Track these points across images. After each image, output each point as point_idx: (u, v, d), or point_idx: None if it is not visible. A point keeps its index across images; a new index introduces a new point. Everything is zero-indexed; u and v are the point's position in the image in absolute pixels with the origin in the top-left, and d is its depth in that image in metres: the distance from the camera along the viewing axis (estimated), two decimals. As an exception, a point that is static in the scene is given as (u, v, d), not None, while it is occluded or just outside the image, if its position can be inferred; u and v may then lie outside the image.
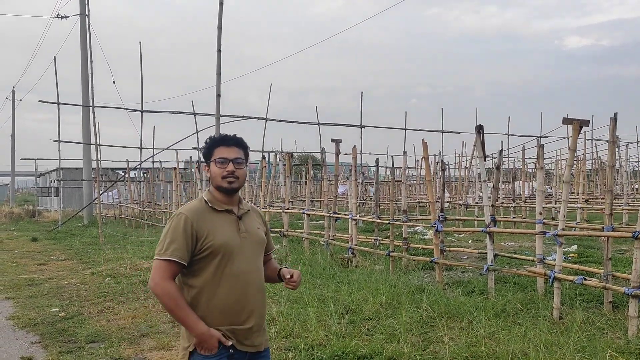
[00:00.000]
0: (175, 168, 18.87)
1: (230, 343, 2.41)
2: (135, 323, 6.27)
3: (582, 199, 15.77)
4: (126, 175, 24.15)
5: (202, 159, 2.62)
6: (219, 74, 10.10)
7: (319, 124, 22.57)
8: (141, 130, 20.96)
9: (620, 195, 16.08)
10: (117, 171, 30.39)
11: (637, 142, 25.98)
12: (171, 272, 2.36)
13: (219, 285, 2.41)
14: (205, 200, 2.51)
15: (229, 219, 2.50)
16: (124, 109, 21.47)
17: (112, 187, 25.91)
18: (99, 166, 18.77)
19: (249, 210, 2.61)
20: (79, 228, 19.98)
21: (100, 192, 19.14)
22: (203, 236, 2.40)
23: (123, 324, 6.24)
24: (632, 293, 5.18)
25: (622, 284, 6.56)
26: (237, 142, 2.54)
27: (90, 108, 18.89)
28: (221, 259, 2.41)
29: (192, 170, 20.01)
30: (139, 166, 22.62)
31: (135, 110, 20.83)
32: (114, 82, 24.06)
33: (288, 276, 2.63)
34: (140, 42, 20.81)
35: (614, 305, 6.13)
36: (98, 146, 18.88)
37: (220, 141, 2.52)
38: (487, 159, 8.59)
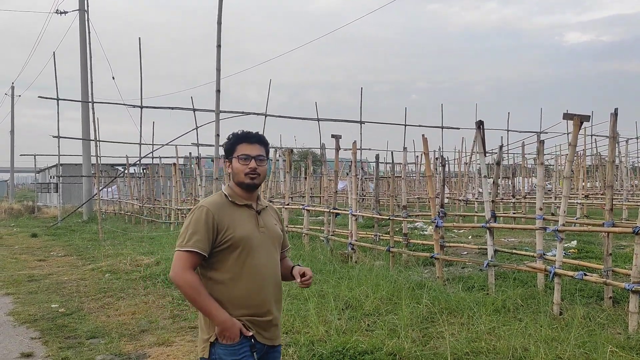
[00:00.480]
0: (174, 164, 18.86)
1: (250, 333, 2.45)
2: (136, 319, 6.27)
3: (582, 194, 15.77)
4: (126, 171, 24.13)
5: (223, 155, 2.66)
6: (218, 69, 10.07)
7: (318, 119, 22.55)
8: (140, 126, 20.97)
9: (620, 191, 16.08)
10: (117, 167, 30.37)
11: (637, 138, 25.99)
12: (192, 262, 2.40)
13: (239, 278, 2.46)
14: (225, 195, 2.56)
15: (249, 213, 2.55)
16: (124, 104, 21.48)
17: (111, 183, 25.90)
18: (99, 162, 18.74)
19: (266, 206, 2.67)
20: (79, 224, 19.98)
21: (100, 188, 19.12)
22: (224, 229, 2.44)
23: (123, 320, 6.24)
24: (633, 288, 5.17)
25: (622, 279, 6.55)
26: (259, 140, 2.58)
27: (90, 104, 18.86)
28: (241, 251, 2.46)
29: (192, 166, 19.98)
30: (138, 162, 22.60)
31: (134, 106, 20.83)
32: (113, 78, 24.13)
33: (300, 275, 2.65)
34: (139, 38, 20.79)
35: (614, 301, 6.13)
36: (97, 142, 18.86)
37: (243, 138, 2.56)
38: (487, 154, 8.58)
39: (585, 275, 5.98)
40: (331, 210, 10.98)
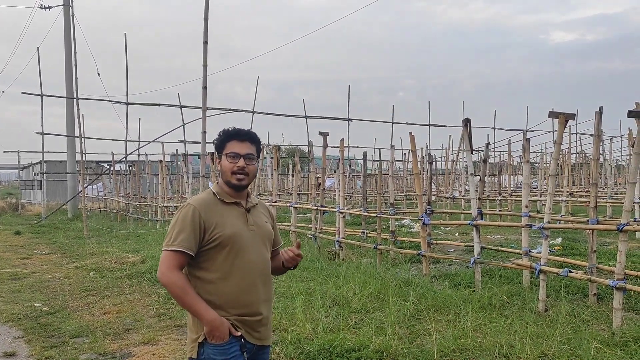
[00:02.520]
0: (161, 161, 18.71)
1: (239, 333, 2.41)
2: (121, 317, 6.21)
3: (567, 192, 15.93)
4: (111, 168, 23.89)
5: (215, 151, 2.60)
6: (205, 65, 9.96)
7: (306, 117, 22.52)
8: (127, 123, 20.78)
9: (604, 189, 16.27)
10: (102, 164, 30.06)
11: (621, 136, 26.29)
12: (179, 262, 2.37)
13: (229, 277, 2.41)
14: (213, 193, 2.51)
15: (238, 211, 2.50)
16: (109, 101, 21.23)
17: (97, 180, 25.63)
18: (84, 159, 18.52)
19: (256, 204, 2.62)
20: (63, 222, 19.75)
21: (85, 185, 18.91)
22: (211, 227, 2.40)
23: (108, 319, 6.17)
24: (617, 285, 5.22)
25: (606, 276, 6.64)
26: (250, 137, 2.52)
27: (75, 100, 18.61)
28: (230, 250, 2.42)
29: (179, 163, 19.85)
30: (124, 159, 22.39)
31: (120, 103, 20.61)
32: (98, 74, 23.76)
33: (289, 254, 2.62)
34: (125, 34, 20.58)
35: (598, 298, 6.19)
36: (83, 139, 18.64)
37: (233, 135, 2.51)
38: (474, 152, 8.61)
39: (570, 272, 6.04)
40: (319, 208, 10.96)
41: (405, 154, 26.71)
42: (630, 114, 5.26)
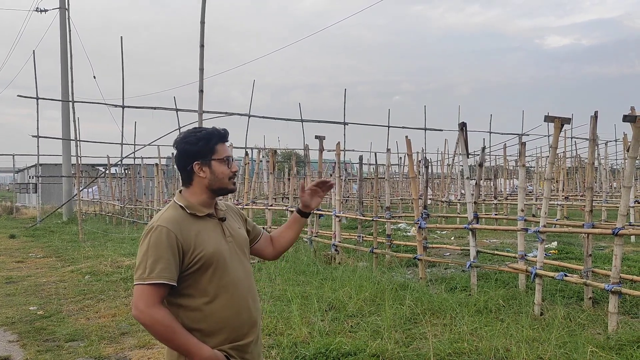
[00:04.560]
0: (157, 164, 18.68)
1: None
2: (116, 321, 6.18)
3: (562, 196, 15.98)
4: (107, 172, 23.82)
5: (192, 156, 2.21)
6: (201, 69, 9.97)
7: (302, 120, 22.54)
8: (122, 126, 20.72)
9: (599, 193, 16.32)
10: (98, 167, 29.97)
11: (616, 141, 26.43)
12: (159, 296, 2.05)
13: (216, 300, 2.14)
14: (181, 207, 2.18)
15: (212, 224, 2.23)
16: (105, 104, 21.19)
17: (92, 183, 25.55)
18: (79, 162, 18.46)
19: (226, 209, 2.33)
20: (58, 225, 19.67)
21: (80, 188, 18.84)
22: (190, 248, 2.11)
23: (103, 322, 6.14)
24: (612, 289, 5.24)
25: (601, 280, 6.64)
26: (227, 137, 2.31)
27: (70, 103, 18.57)
28: (214, 270, 2.14)
29: (175, 166, 19.80)
30: (120, 162, 22.33)
31: (116, 106, 20.56)
32: (94, 77, 23.86)
33: (312, 190, 2.44)
34: (121, 37, 20.54)
35: (594, 301, 6.21)
36: (78, 142, 18.58)
37: (222, 137, 2.25)
38: (469, 156, 8.64)
39: (566, 276, 6.05)
40: (315, 211, 10.96)
41: (401, 157, 26.76)
42: (626, 118, 5.28)
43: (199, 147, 2.19)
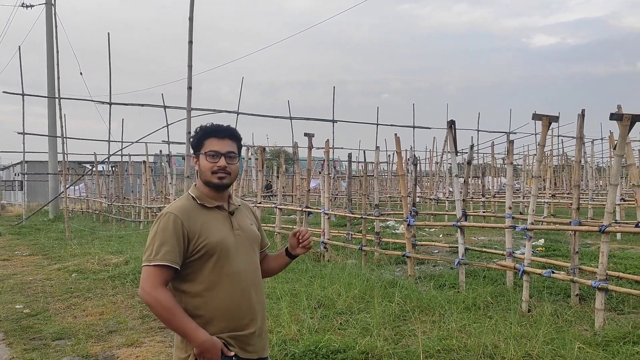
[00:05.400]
0: (144, 162, 18.54)
1: (232, 354, 2.24)
2: (103, 319, 6.13)
3: (549, 194, 16.12)
4: (94, 169, 23.61)
5: (191, 150, 2.40)
6: (190, 66, 9.88)
7: (291, 118, 22.49)
8: (109, 123, 20.57)
9: (585, 191, 16.49)
10: (85, 165, 29.70)
11: (602, 139, 26.71)
12: (163, 278, 2.17)
13: (217, 289, 2.23)
14: (192, 197, 2.32)
15: (221, 215, 2.33)
16: (92, 100, 20.97)
17: (79, 181, 25.31)
18: (66, 159, 18.26)
19: (239, 205, 2.44)
20: (45, 223, 19.46)
21: (67, 186, 18.65)
22: (195, 236, 2.22)
23: (90, 321, 6.09)
24: (599, 286, 5.30)
25: (588, 277, 6.72)
26: (230, 134, 2.34)
27: (57, 100, 18.36)
28: (217, 259, 2.24)
29: (162, 164, 19.69)
30: (107, 160, 22.14)
31: (103, 103, 20.39)
32: (81, 74, 23.46)
33: (296, 239, 2.49)
34: (108, 33, 20.37)
35: (580, 298, 6.27)
36: (64, 139, 18.39)
37: (212, 132, 2.32)
38: (458, 154, 8.67)
39: (553, 273, 6.11)
40: (304, 209, 10.95)
41: (389, 155, 26.81)
42: (612, 116, 5.34)
43: (194, 142, 2.35)
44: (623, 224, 9.76)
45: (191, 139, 2.39)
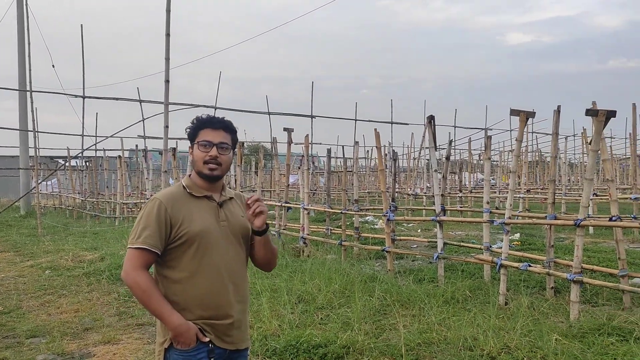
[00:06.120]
0: (120, 156, 18.24)
1: (207, 339, 2.27)
2: (79, 317, 6.01)
3: (524, 189, 16.39)
4: (67, 164, 23.14)
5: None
6: (167, 58, 9.77)
7: (269, 113, 22.41)
8: (83, 117, 20.16)
9: (559, 186, 16.82)
10: (57, 159, 29.10)
11: (574, 135, 27.26)
12: (144, 261, 2.22)
13: (196, 277, 2.28)
14: (183, 186, 2.37)
15: (208, 205, 2.35)
16: (64, 94, 20.53)
17: (51, 176, 24.78)
18: (37, 154, 17.84)
19: (232, 197, 2.45)
20: (16, 219, 18.98)
21: (39, 181, 18.23)
22: (178, 223, 2.26)
23: (65, 318, 5.96)
24: (574, 279, 5.40)
25: (563, 270, 6.84)
26: (224, 126, 2.38)
27: (28, 93, 17.94)
28: (197, 248, 2.27)
29: (139, 159, 19.41)
30: (80, 154, 21.71)
31: (76, 96, 19.98)
32: (53, 66, 23.06)
33: (250, 206, 2.35)
34: (81, 25, 19.93)
35: (556, 291, 6.38)
36: (36, 133, 17.98)
37: (206, 123, 2.37)
38: (437, 149, 8.74)
39: (530, 266, 6.20)
40: (283, 204, 10.91)
41: (368, 151, 26.93)
42: (588, 112, 5.43)
43: (190, 133, 2.40)
44: (596, 217, 9.97)
45: (187, 130, 2.42)
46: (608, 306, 5.96)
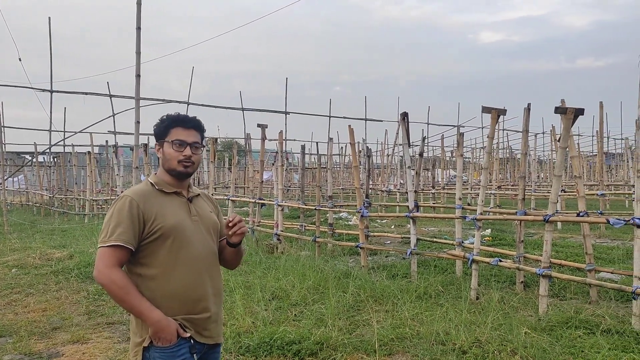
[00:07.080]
0: (89, 152, 17.87)
1: (188, 334, 2.26)
2: (47, 316, 5.87)
3: (495, 185, 16.67)
4: (34, 160, 22.56)
5: (155, 138, 2.42)
6: (138, 52, 9.55)
7: (243, 109, 22.26)
8: (50, 112, 19.62)
9: (528, 183, 17.15)
10: (24, 155, 28.36)
11: (543, 133, 27.84)
12: (117, 258, 2.19)
13: (173, 272, 2.26)
14: (151, 183, 2.36)
15: (179, 201, 2.37)
16: (31, 88, 19.96)
17: (17, 172, 24.13)
18: (3, 150, 17.33)
19: (198, 194, 2.49)
20: (-19, 216, 18.45)
21: (5, 177, 17.73)
22: (151, 218, 2.24)
23: (33, 317, 5.81)
24: (543, 273, 5.51)
25: (532, 264, 6.99)
26: (196, 125, 2.40)
27: (-7, 86, 17.40)
28: (172, 242, 2.27)
29: (109, 155, 19.04)
30: (48, 150, 21.19)
31: (43, 90, 19.43)
32: (19, 59, 22.42)
33: (231, 226, 2.34)
34: (49, 17, 19.41)
35: (525, 285, 6.51)
36: (2, 127, 17.47)
37: (179, 121, 2.37)
38: (410, 145, 8.80)
39: (500, 261, 6.31)
40: (257, 201, 10.85)
41: (342, 147, 26.98)
42: (557, 110, 5.54)
43: (159, 130, 2.38)
44: (564, 213, 10.19)
45: (155, 127, 2.40)
46: (575, 300, 6.10)
